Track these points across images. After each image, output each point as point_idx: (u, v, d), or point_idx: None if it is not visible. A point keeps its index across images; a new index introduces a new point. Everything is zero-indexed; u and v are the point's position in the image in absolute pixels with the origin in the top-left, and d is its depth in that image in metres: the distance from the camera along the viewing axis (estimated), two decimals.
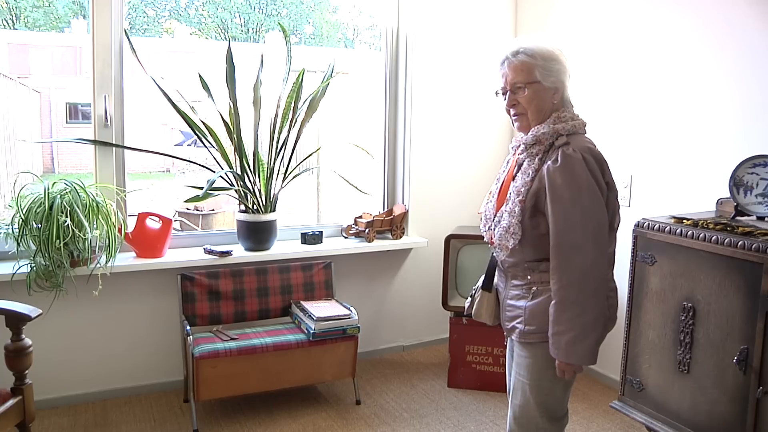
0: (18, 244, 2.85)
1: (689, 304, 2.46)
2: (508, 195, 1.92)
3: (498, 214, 1.95)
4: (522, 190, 1.87)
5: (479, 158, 4.04)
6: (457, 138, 3.98)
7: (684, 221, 2.51)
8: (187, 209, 5.82)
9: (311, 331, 3.07)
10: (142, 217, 3.26)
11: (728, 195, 2.54)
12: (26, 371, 2.27)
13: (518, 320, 1.96)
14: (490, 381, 3.46)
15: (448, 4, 3.85)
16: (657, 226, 2.55)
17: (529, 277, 1.93)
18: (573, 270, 1.80)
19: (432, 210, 3.93)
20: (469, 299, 2.18)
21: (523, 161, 1.93)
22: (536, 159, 1.88)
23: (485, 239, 2.08)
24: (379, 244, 3.72)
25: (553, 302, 1.83)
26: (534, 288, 1.92)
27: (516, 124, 1.97)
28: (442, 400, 3.37)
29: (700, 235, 2.39)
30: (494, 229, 1.95)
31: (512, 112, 1.96)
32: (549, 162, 1.84)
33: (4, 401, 2.16)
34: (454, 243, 3.47)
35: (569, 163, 1.81)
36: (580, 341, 1.79)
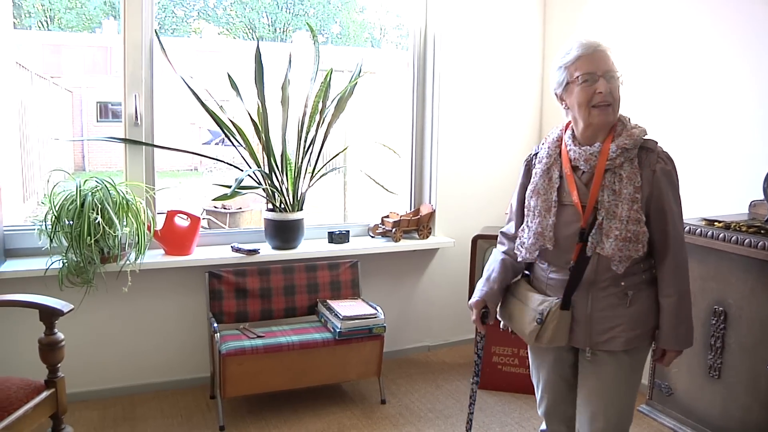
0: (51, 241, 2.90)
1: (720, 308, 2.42)
2: (611, 204, 1.83)
3: (599, 226, 1.83)
4: (637, 196, 1.81)
5: (506, 158, 4.02)
6: (484, 138, 3.96)
7: (715, 224, 2.48)
8: (215, 207, 5.88)
9: (337, 330, 3.08)
10: (170, 214, 3.29)
11: (762, 197, 2.50)
12: (59, 365, 2.31)
13: (619, 328, 1.89)
14: (515, 382, 3.43)
15: (476, 3, 3.83)
16: (687, 228, 2.52)
17: (622, 284, 1.88)
18: (685, 264, 1.89)
19: (459, 210, 3.92)
20: (535, 326, 1.93)
21: (616, 167, 1.84)
22: (634, 163, 1.83)
23: (533, 256, 1.95)
24: (406, 244, 3.72)
25: (674, 298, 1.86)
26: (630, 293, 1.88)
27: (600, 117, 1.84)
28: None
29: (732, 238, 2.35)
30: (602, 243, 1.83)
31: (600, 100, 1.82)
32: (659, 165, 1.84)
33: (39, 393, 2.20)
34: (481, 243, 3.45)
35: (673, 164, 1.88)
36: (691, 327, 1.90)
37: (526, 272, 2.11)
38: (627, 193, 1.81)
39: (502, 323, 2.14)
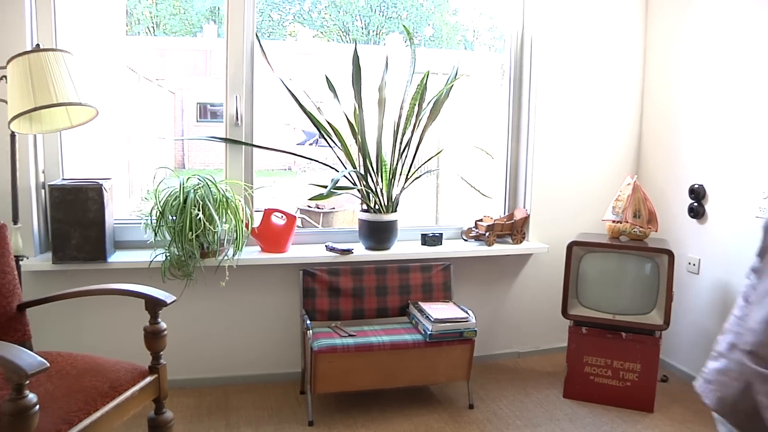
0: (155, 235, 3.04)
1: None
2: None
3: None
4: None
5: (603, 164, 3.91)
6: (581, 142, 3.86)
7: None
8: (308, 207, 5.99)
9: (428, 333, 3.07)
10: (267, 213, 3.38)
11: None
12: (161, 352, 2.40)
13: None
14: (607, 394, 3.32)
15: (574, 6, 3.74)
16: None
17: None
18: None
19: (554, 215, 3.84)
20: None
21: None
22: None
23: None
24: (499, 249, 3.67)
25: None
26: None
27: None
28: (556, 410, 3.28)
29: None
30: None
31: None
32: None
33: (144, 377, 2.31)
34: (577, 250, 3.36)
35: None
36: None
37: None
38: None
39: None
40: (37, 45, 2.65)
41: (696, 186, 3.50)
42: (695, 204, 3.52)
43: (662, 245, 3.27)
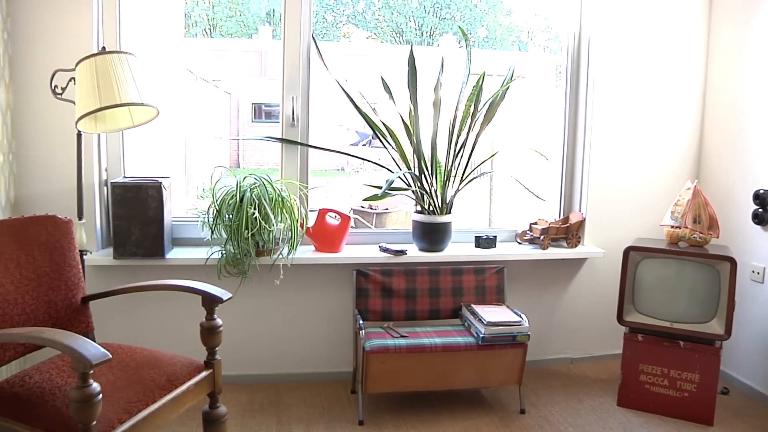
0: (212, 232, 3.10)
1: None
2: None
3: None
4: None
5: (662, 167, 3.81)
6: (639, 144, 3.77)
7: None
8: (362, 207, 6.00)
9: (481, 336, 3.05)
10: (322, 213, 3.41)
11: None
12: (216, 348, 2.45)
13: None
14: (663, 404, 3.24)
15: (633, 4, 3.66)
16: None
17: None
18: None
19: (610, 219, 3.76)
20: None
21: None
22: None
23: None
24: (554, 252, 3.62)
25: None
26: None
27: None
28: (610, 419, 3.21)
29: None
30: None
31: None
32: None
33: (199, 372, 2.36)
34: (634, 255, 3.29)
35: None
36: None
37: None
38: None
39: None
40: (103, 48, 2.74)
41: (761, 191, 3.38)
42: (760, 210, 3.40)
43: (724, 252, 3.17)
